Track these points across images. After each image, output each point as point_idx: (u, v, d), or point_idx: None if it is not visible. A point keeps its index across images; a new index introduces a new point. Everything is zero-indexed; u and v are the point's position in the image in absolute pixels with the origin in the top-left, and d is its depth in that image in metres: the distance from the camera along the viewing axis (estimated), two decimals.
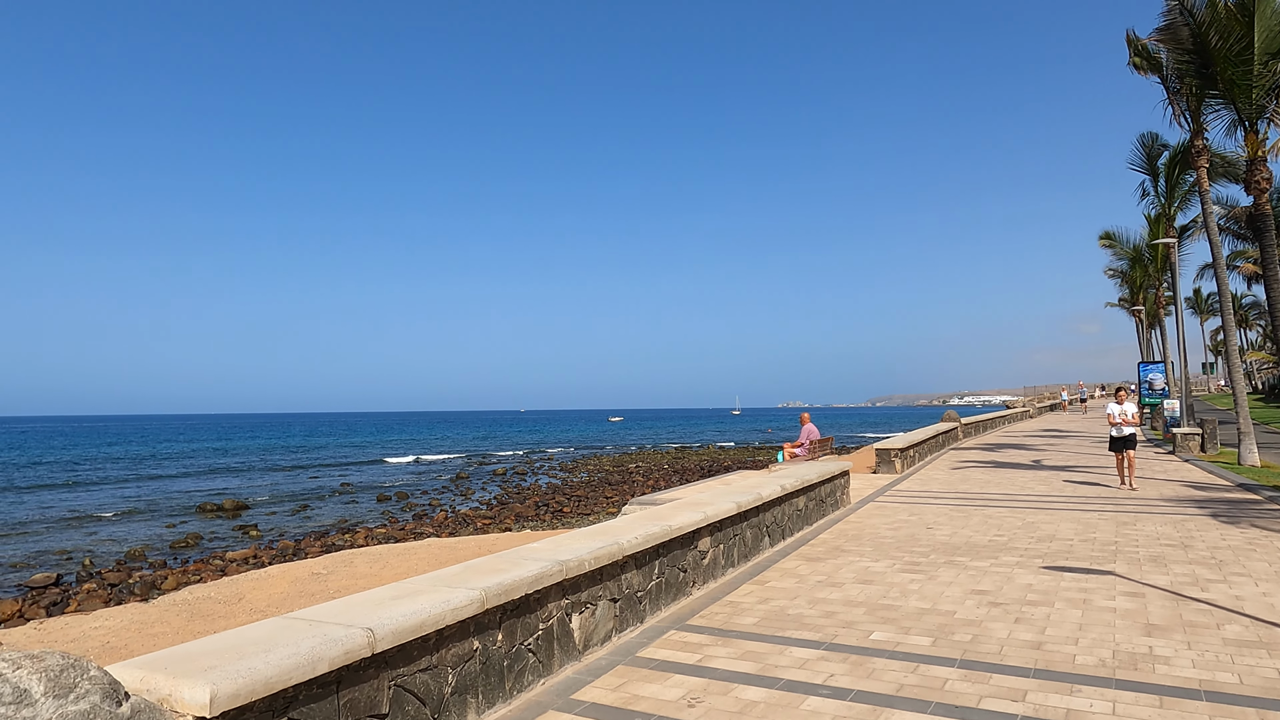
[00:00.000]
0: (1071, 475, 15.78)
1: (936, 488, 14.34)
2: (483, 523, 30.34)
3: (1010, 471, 16.78)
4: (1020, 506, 11.68)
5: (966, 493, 13.48)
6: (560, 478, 49.11)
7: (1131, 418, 12.97)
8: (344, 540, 26.78)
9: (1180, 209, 24.60)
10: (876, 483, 15.32)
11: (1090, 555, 8.08)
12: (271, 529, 30.86)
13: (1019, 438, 29.04)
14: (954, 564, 7.82)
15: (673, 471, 49.71)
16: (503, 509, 34.06)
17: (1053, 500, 12.29)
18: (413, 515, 33.39)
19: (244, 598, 7.77)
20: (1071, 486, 13.97)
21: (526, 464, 61.67)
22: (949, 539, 9.19)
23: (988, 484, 14.66)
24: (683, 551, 6.57)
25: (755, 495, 8.12)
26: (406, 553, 9.72)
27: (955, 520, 10.53)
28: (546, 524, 30.61)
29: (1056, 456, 20.37)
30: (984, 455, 21.36)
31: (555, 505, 34.61)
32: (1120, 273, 49.82)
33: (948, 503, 12.28)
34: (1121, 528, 9.67)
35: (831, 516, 11.03)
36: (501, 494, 40.40)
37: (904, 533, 9.70)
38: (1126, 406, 13.08)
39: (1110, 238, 32.91)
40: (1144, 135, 23.50)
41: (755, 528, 8.27)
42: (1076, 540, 8.94)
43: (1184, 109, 16.83)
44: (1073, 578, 7.10)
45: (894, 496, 13.27)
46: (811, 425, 16.18)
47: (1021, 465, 18.19)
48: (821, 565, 7.89)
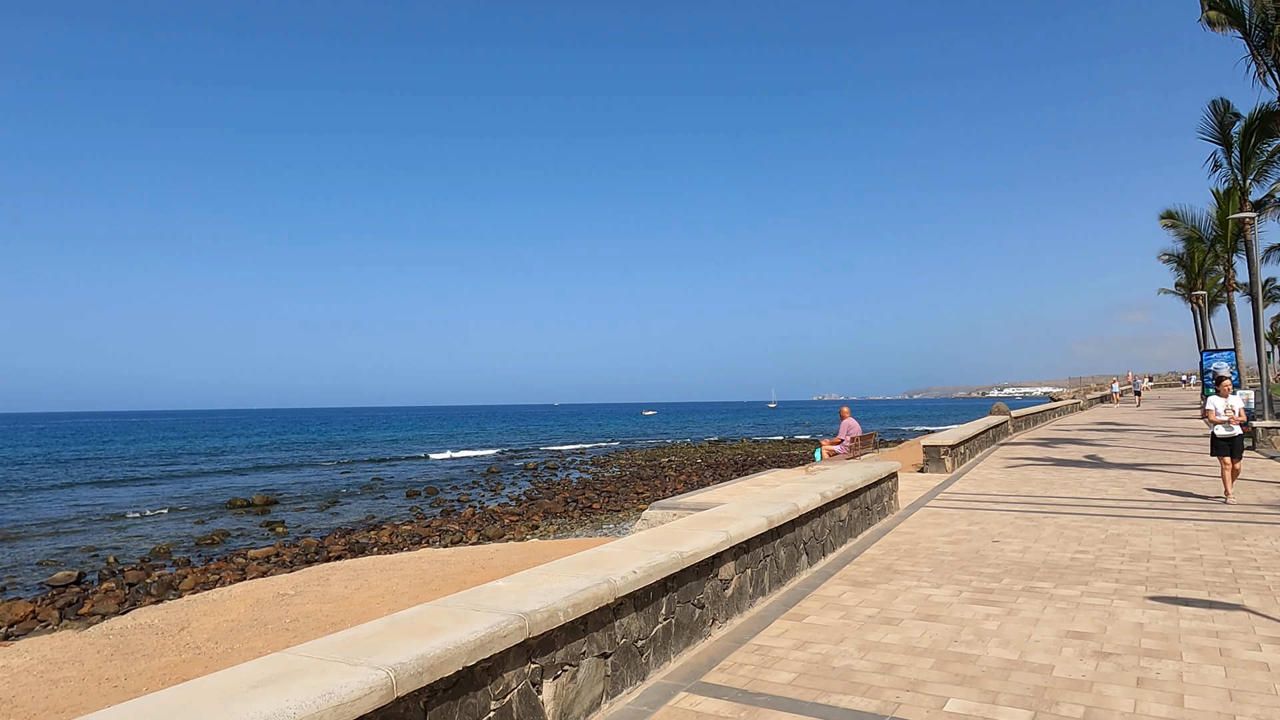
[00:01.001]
0: (1146, 476, 14.12)
1: (995, 490, 12.81)
2: (510, 519, 29.45)
3: (1074, 471, 15.14)
4: (1097, 514, 10.14)
5: (1030, 496, 11.94)
6: (591, 473, 48.18)
7: (1239, 414, 10.75)
8: (368, 538, 26.05)
9: (1257, 181, 22.56)
10: (925, 484, 13.82)
11: (1203, 581, 6.59)
12: (298, 525, 30.33)
13: (1073, 432, 27.15)
14: (1035, 592, 6.39)
15: (705, 466, 48.46)
16: (531, 505, 33.23)
17: (1133, 506, 10.72)
18: (440, 512, 32.68)
19: (188, 626, 6.63)
20: (1150, 489, 12.35)
21: (558, 458, 60.90)
22: (1022, 556, 7.74)
23: (1052, 485, 13.09)
24: (699, 583, 5.25)
25: (790, 506, 6.76)
26: (391, 568, 8.54)
27: (1024, 531, 9.05)
28: (575, 520, 29.57)
29: (1121, 453, 18.62)
30: (1039, 451, 19.67)
31: (585, 501, 33.66)
32: (1175, 257, 47.21)
33: (1011, 509, 10.78)
34: (1229, 543, 8.12)
35: (879, 526, 9.61)
36: (531, 489, 39.58)
37: (966, 547, 8.26)
38: (1233, 400, 10.83)
39: (1173, 217, 30.66)
40: (1216, 102, 21.49)
41: (791, 545, 6.92)
42: (1179, 559, 7.43)
43: (1270, 65, 15.00)
44: (1193, 615, 5.63)
45: (948, 501, 11.78)
46: (852, 420, 14.70)
47: (1084, 463, 16.51)
48: (871, 592, 6.51)
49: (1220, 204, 27.31)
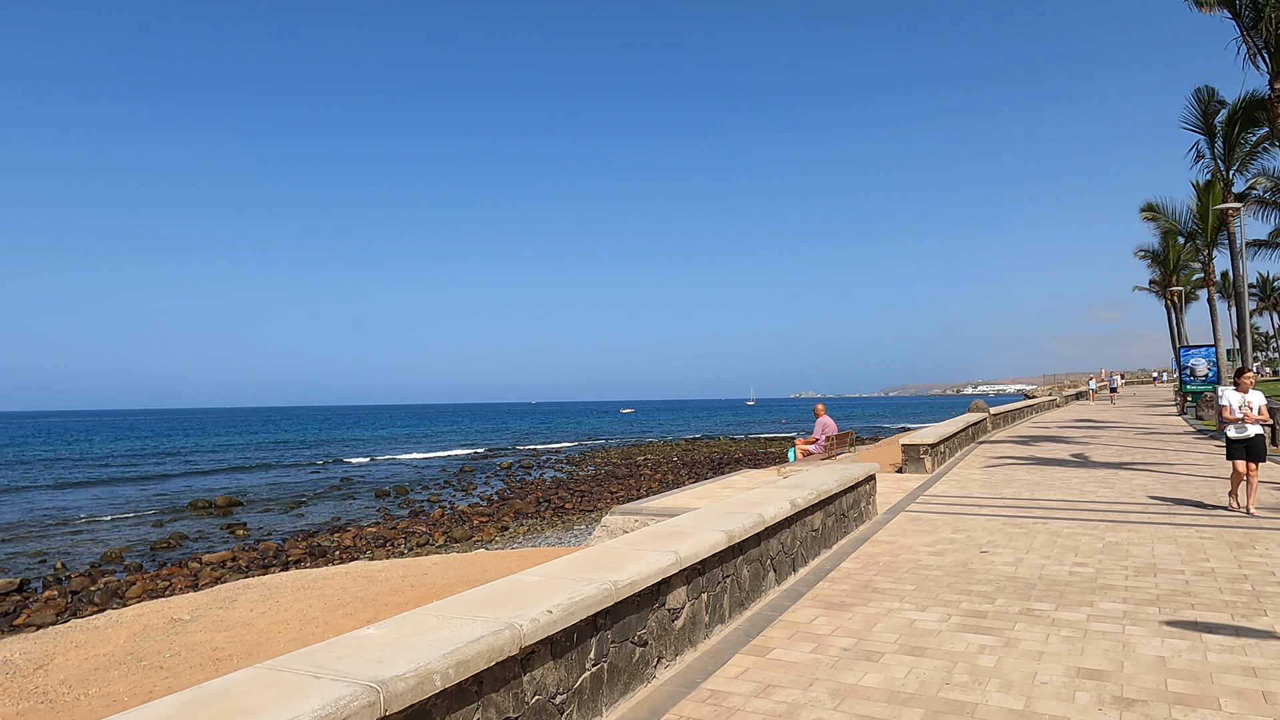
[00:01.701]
0: (1135, 475, 13.43)
1: (978, 492, 12.04)
2: (480, 520, 28.55)
3: (1059, 470, 14.43)
4: (1090, 519, 9.37)
5: (1016, 499, 11.17)
6: (566, 472, 47.36)
7: (1259, 412, 9.29)
8: (331, 541, 25.04)
9: (1240, 172, 22.07)
10: (905, 485, 13.03)
11: (1222, 601, 5.80)
12: (260, 528, 29.25)
13: (1053, 429, 26.61)
14: (1034, 615, 5.56)
15: (681, 465, 47.75)
16: (503, 505, 32.39)
17: (1127, 510, 9.98)
18: (409, 513, 31.74)
19: (50, 663, 5.64)
20: (1141, 490, 11.64)
21: (533, 457, 59.96)
22: (1015, 570, 6.92)
23: (1038, 487, 12.34)
24: (640, 616, 4.34)
25: (755, 518, 5.88)
26: (310, 587, 7.56)
27: (1014, 539, 8.25)
28: (546, 520, 28.70)
29: (1104, 451, 17.99)
30: (1020, 450, 19.00)
31: (557, 502, 32.85)
32: (1151, 253, 47.10)
33: (998, 513, 9.99)
34: (1239, 553, 7.36)
35: (855, 535, 8.77)
36: (504, 489, 38.70)
37: (952, 559, 7.43)
38: (1253, 396, 9.40)
39: (1154, 209, 30.26)
40: (1200, 90, 20.95)
41: (755, 563, 6.03)
42: (1189, 573, 6.65)
43: (1260, 46, 14.37)
44: (1221, 645, 4.82)
45: (929, 504, 10.98)
46: (827, 418, 13.87)
47: (1068, 462, 15.83)
48: (848, 617, 5.64)
49: (1200, 197, 26.90)
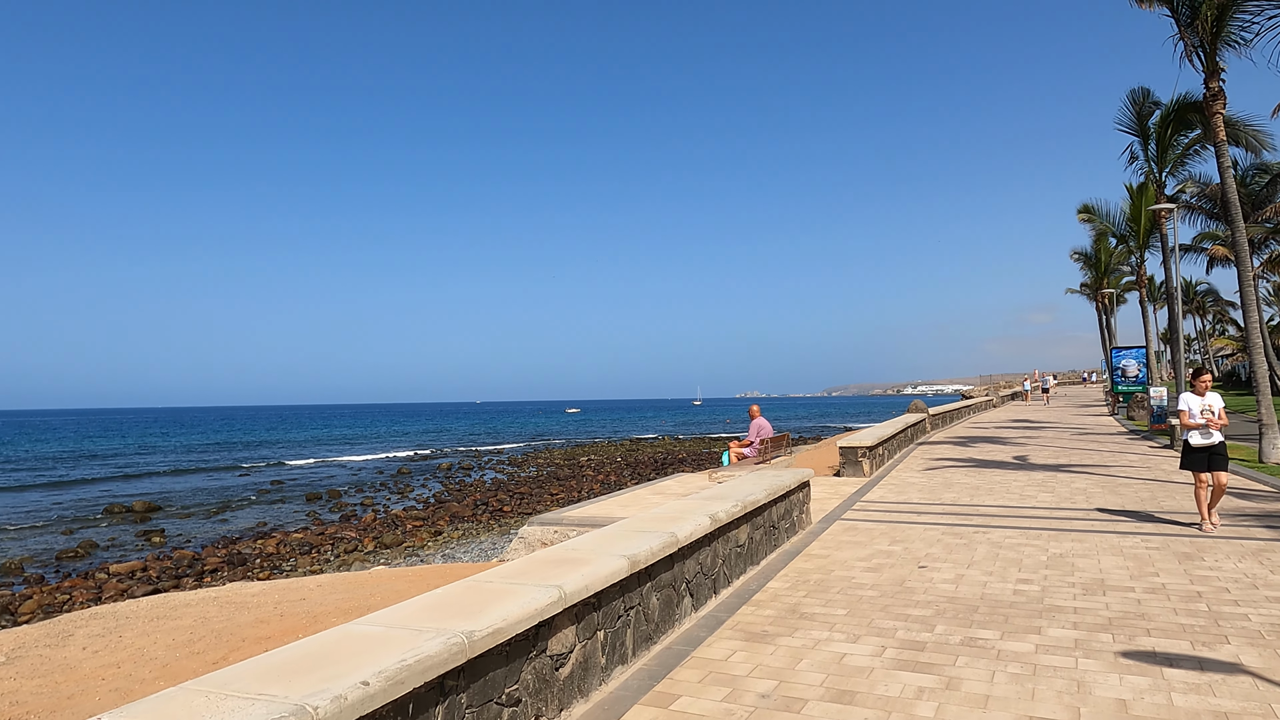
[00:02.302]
0: (1074, 479, 13.12)
1: (917, 497, 11.53)
2: (413, 524, 27.41)
3: (999, 473, 14.08)
4: (1033, 528, 8.88)
5: (956, 505, 10.68)
6: (507, 473, 46.20)
7: (1219, 415, 8.42)
8: (252, 549, 23.65)
9: (1172, 174, 22.30)
10: (842, 490, 12.48)
11: (1179, 625, 5.25)
12: (179, 534, 27.56)
13: (990, 430, 26.63)
14: (978, 646, 4.92)
15: (625, 465, 47.05)
16: (439, 508, 31.26)
17: (1069, 517, 9.54)
18: (340, 517, 30.36)
19: None
20: (1081, 495, 11.28)
21: (474, 458, 58.56)
22: (955, 589, 6.31)
23: (978, 491, 11.90)
24: (510, 669, 3.53)
25: (666, 538, 5.12)
26: (167, 616, 6.56)
27: (955, 552, 7.67)
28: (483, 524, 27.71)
29: (1042, 453, 17.81)
30: (959, 452, 18.74)
31: (495, 504, 31.84)
32: (1084, 255, 48.08)
33: (937, 521, 9.45)
34: (1189, 565, 6.89)
35: (786, 549, 8.09)
36: (442, 491, 37.47)
37: (889, 576, 6.79)
38: (1212, 400, 8.45)
39: (1089, 211, 30.64)
40: (1135, 91, 21.03)
41: (668, 588, 5.28)
42: (1140, 590, 6.12)
43: (1197, 44, 14.25)
44: (1185, 683, 4.23)
45: (867, 511, 10.41)
46: (763, 420, 13.23)
47: (1008, 464, 15.54)
48: (769, 651, 4.92)
49: (1133, 199, 27.26)
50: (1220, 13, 13.18)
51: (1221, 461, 8.47)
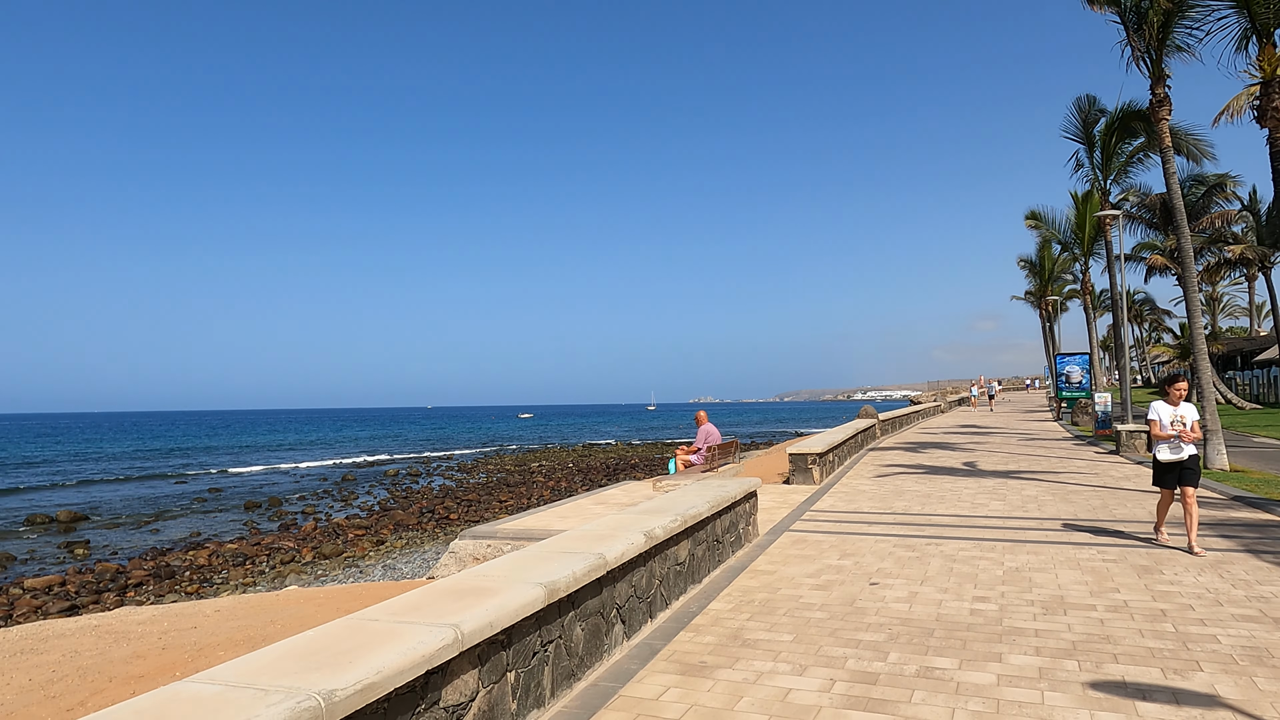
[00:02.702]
0: (1024, 485, 12.92)
1: (868, 506, 11.16)
2: (355, 533, 26.34)
3: (949, 480, 13.83)
4: (986, 539, 8.54)
5: (908, 514, 10.32)
6: (456, 479, 45.08)
7: (1192, 428, 7.64)
8: (182, 560, 22.38)
9: (1116, 182, 22.56)
10: (791, 498, 12.06)
11: (1147, 649, 4.87)
12: (105, 546, 26.01)
13: (939, 435, 26.66)
14: (934, 677, 4.46)
15: (576, 471, 46.35)
16: (383, 516, 30.16)
17: (1022, 527, 9.23)
18: (279, 526, 29.07)
19: None
20: (1033, 503, 11.03)
21: (423, 464, 57.18)
22: (909, 609, 5.87)
23: (929, 499, 11.59)
24: None
25: (592, 561, 4.56)
26: (33, 650, 5.82)
27: (908, 566, 7.26)
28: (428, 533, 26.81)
29: (991, 459, 17.71)
30: (910, 458, 18.55)
31: (442, 512, 30.86)
32: (1029, 262, 48.96)
33: (889, 532, 9.06)
34: (1149, 580, 6.57)
35: (731, 564, 7.59)
36: (387, 499, 36.27)
37: (839, 594, 6.33)
38: (1185, 410, 7.67)
39: (1037, 217, 31.03)
40: (1081, 99, 21.23)
41: (595, 616, 4.72)
42: (1102, 609, 5.76)
43: (1144, 50, 14.25)
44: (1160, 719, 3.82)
45: (816, 521, 9.98)
46: (710, 426, 12.75)
47: (958, 471, 15.34)
48: (707, 688, 4.39)
49: (1078, 206, 27.63)
50: (1166, 18, 13.18)
51: (1192, 476, 7.68)
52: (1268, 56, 9.46)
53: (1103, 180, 22.21)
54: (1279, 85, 9.37)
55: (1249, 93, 15.92)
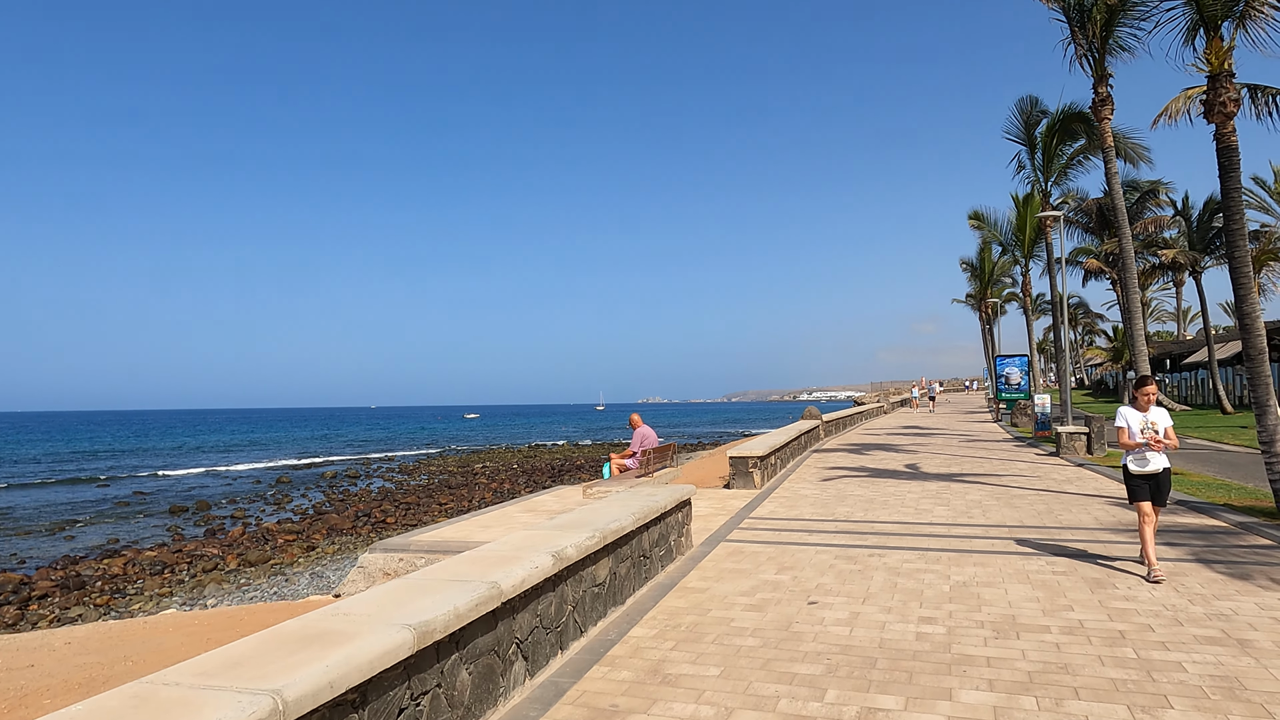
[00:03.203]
0: (968, 489, 12.61)
1: (809, 512, 10.66)
2: (285, 539, 25.00)
3: (892, 484, 13.46)
4: (931, 548, 8.07)
5: (850, 521, 9.84)
6: (396, 481, 43.65)
7: (1165, 435, 6.72)
8: (95, 569, 20.83)
9: (1057, 184, 22.68)
10: (730, 504, 11.50)
11: (1107, 678, 4.37)
12: (12, 555, 24.17)
13: (882, 436, 26.56)
14: (877, 717, 3.89)
15: (521, 472, 45.39)
16: (316, 520, 28.79)
17: (968, 535, 8.81)
18: (205, 532, 27.48)
19: None
20: (977, 508, 10.66)
21: (363, 465, 55.41)
22: (850, 633, 5.31)
23: (872, 504, 11.15)
24: None
25: (484, 592, 3.86)
26: None
27: (849, 581, 6.72)
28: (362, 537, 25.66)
29: (934, 461, 17.48)
30: (853, 460, 18.23)
31: (379, 515, 29.63)
32: (970, 265, 49.61)
33: (831, 541, 8.54)
34: (1102, 594, 6.14)
35: (660, 581, 6.95)
36: (323, 502, 34.81)
37: (774, 616, 5.75)
38: (1156, 415, 6.77)
39: (979, 218, 31.23)
40: (1023, 100, 21.25)
41: (486, 656, 4.02)
42: (1056, 629, 5.28)
43: (1088, 48, 14.11)
44: None
45: (755, 530, 9.42)
46: (646, 428, 12.10)
47: (901, 474, 15.01)
48: None
49: (1019, 209, 27.84)
50: (1110, 14, 13.04)
51: (1164, 493, 6.78)
52: (1215, 50, 9.24)
53: (1043, 182, 22.29)
54: (1226, 79, 9.18)
55: (1186, 95, 15.94)
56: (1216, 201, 27.87)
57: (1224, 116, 8.99)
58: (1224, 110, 8.99)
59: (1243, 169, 9.52)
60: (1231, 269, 9.21)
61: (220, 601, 14.48)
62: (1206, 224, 28.85)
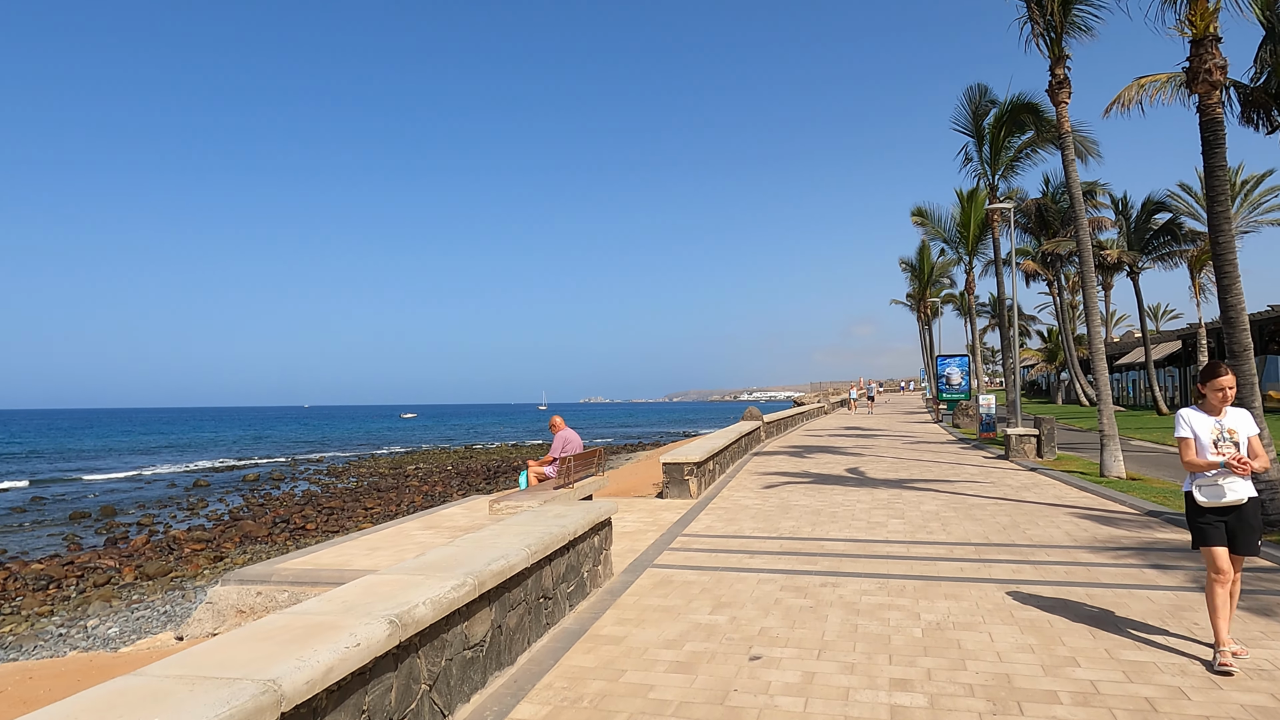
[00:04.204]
0: (921, 498, 11.55)
1: (751, 526, 9.42)
2: (193, 548, 22.79)
3: (840, 492, 12.35)
4: (894, 573, 6.88)
5: (797, 538, 8.62)
6: (323, 484, 41.23)
7: (1249, 451, 4.56)
8: None
9: (1004, 178, 22.07)
10: (663, 517, 10.20)
11: None
12: None
13: (824, 438, 25.68)
14: None
15: (455, 474, 43.50)
16: (231, 528, 26.55)
17: (932, 555, 7.66)
18: (105, 541, 25.00)
19: None
20: (935, 520, 9.58)
21: (290, 467, 52.55)
22: (804, 708, 4.03)
23: (819, 517, 9.97)
24: None
25: (245, 706, 2.46)
26: None
27: (800, 625, 5.45)
28: (279, 546, 23.64)
29: (880, 465, 16.51)
30: (795, 464, 17.14)
31: (298, 521, 27.53)
32: (910, 265, 49.52)
33: (775, 566, 7.28)
34: (1109, 641, 4.98)
35: (567, 625, 5.57)
36: (242, 507, 32.39)
37: (706, 681, 4.44)
38: (1236, 418, 4.65)
39: (923, 214, 30.63)
40: (972, 88, 20.54)
41: None
42: (1067, 698, 4.07)
43: (1045, 27, 13.26)
44: None
45: (688, 551, 8.12)
46: (569, 431, 10.65)
47: (847, 480, 13.94)
48: None
49: (964, 204, 27.33)
50: None
51: (1251, 537, 4.58)
52: (1199, 11, 8.33)
53: (991, 175, 21.65)
54: (1211, 44, 8.27)
55: (1139, 84, 15.31)
56: (1155, 202, 27.82)
57: (1209, 86, 8.07)
58: (1209, 79, 8.07)
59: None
60: (1215, 255, 8.29)
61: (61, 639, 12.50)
62: (1145, 224, 28.79)
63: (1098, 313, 13.37)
